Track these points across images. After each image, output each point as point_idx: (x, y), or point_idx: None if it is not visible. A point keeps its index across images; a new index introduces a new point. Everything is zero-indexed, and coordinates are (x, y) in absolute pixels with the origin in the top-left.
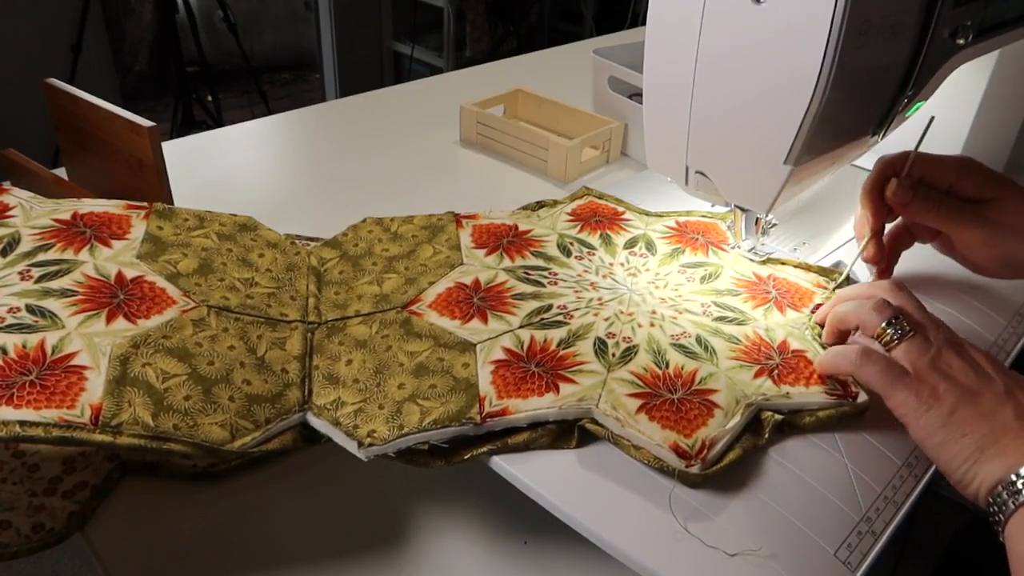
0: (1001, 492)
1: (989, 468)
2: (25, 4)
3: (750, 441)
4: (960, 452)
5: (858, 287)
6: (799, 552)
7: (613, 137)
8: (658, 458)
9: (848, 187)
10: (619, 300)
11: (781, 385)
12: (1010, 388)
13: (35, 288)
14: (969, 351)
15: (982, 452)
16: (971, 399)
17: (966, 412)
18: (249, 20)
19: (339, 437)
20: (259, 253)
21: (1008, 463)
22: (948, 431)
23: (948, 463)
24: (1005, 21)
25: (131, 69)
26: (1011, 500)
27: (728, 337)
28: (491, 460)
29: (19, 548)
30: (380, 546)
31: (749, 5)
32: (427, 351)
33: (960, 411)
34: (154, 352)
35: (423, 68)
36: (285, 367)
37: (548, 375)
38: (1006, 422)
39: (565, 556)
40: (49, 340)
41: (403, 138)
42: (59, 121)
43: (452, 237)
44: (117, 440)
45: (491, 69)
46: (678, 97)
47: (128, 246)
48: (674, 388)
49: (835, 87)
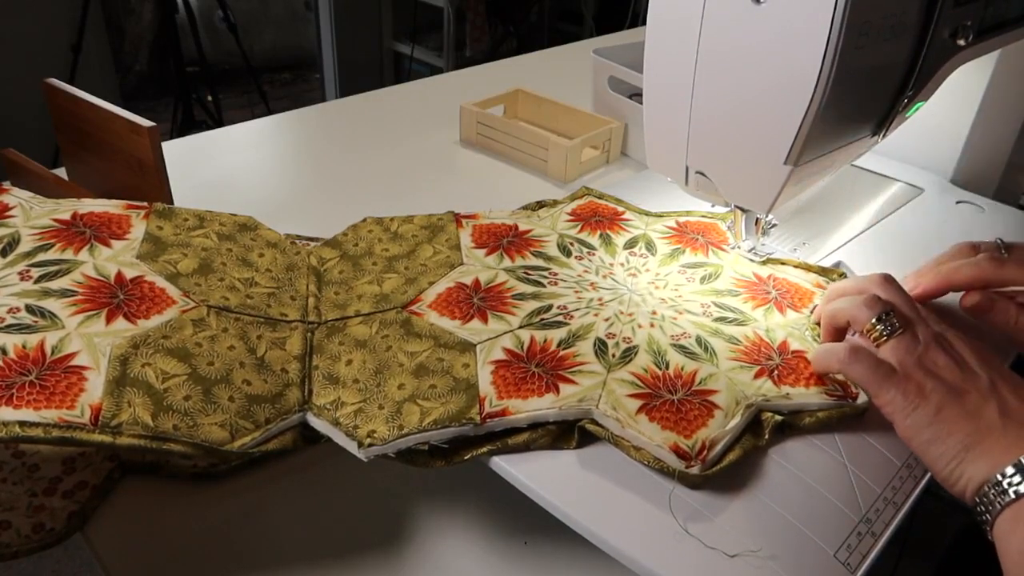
0: (988, 491)
1: (974, 468)
2: (25, 4)
3: (750, 442)
4: (946, 451)
5: (849, 281)
6: (799, 553)
7: (613, 137)
8: (658, 459)
9: (848, 187)
10: (619, 300)
11: (781, 386)
12: (994, 382)
13: (35, 288)
14: (956, 345)
15: (967, 451)
16: (956, 398)
17: (952, 411)
18: (249, 20)
19: (339, 437)
20: (259, 253)
21: (993, 463)
22: (934, 430)
23: (935, 462)
24: (1005, 21)
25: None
26: (998, 499)
27: (728, 338)
28: (491, 460)
29: (19, 548)
30: (380, 546)
31: (749, 5)
32: (427, 351)
33: (946, 410)
34: (154, 352)
35: (423, 68)
36: (285, 367)
37: (548, 375)
38: (990, 421)
39: (565, 556)
40: (49, 340)
41: (403, 138)
42: (59, 121)
43: (452, 237)
44: (117, 440)
45: (491, 69)
46: (678, 97)
47: (128, 246)
48: (674, 389)
49: (835, 87)
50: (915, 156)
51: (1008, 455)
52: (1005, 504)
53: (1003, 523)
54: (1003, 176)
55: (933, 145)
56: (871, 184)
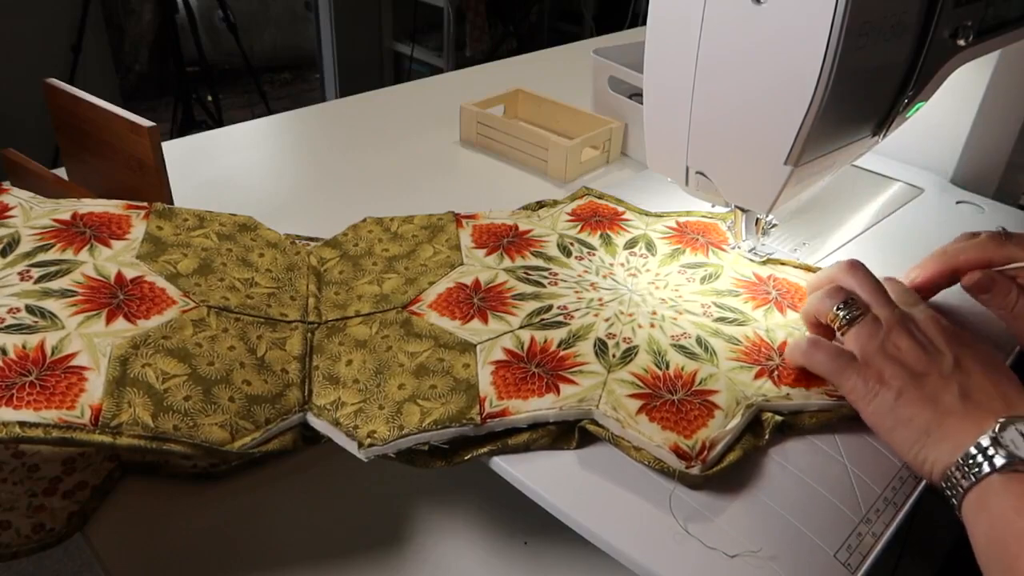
0: (952, 475)
1: (937, 451)
2: (25, 4)
3: (750, 442)
4: (909, 436)
5: (821, 273)
6: (799, 553)
7: (613, 137)
8: (658, 459)
9: (848, 187)
10: (619, 300)
11: (781, 386)
12: (959, 360)
13: (35, 288)
14: (923, 326)
15: (928, 436)
16: (916, 382)
17: (911, 395)
18: (249, 20)
19: (339, 438)
20: (259, 253)
21: (954, 445)
22: (896, 416)
23: (900, 447)
24: (1006, 21)
25: (131, 69)
26: (961, 482)
27: (728, 338)
28: (492, 461)
29: (19, 548)
30: (380, 547)
31: (749, 5)
32: (427, 351)
33: (906, 395)
34: (154, 352)
35: (423, 68)
36: (285, 367)
37: (548, 376)
38: (950, 403)
39: (565, 557)
40: (49, 341)
41: (403, 138)
42: (59, 121)
43: (452, 237)
44: (117, 441)
45: (491, 69)
46: (678, 97)
47: (128, 246)
48: (674, 389)
49: (835, 87)
50: (915, 156)
51: (968, 437)
52: (968, 487)
53: (968, 506)
54: (1003, 176)
55: (933, 145)
56: (871, 184)
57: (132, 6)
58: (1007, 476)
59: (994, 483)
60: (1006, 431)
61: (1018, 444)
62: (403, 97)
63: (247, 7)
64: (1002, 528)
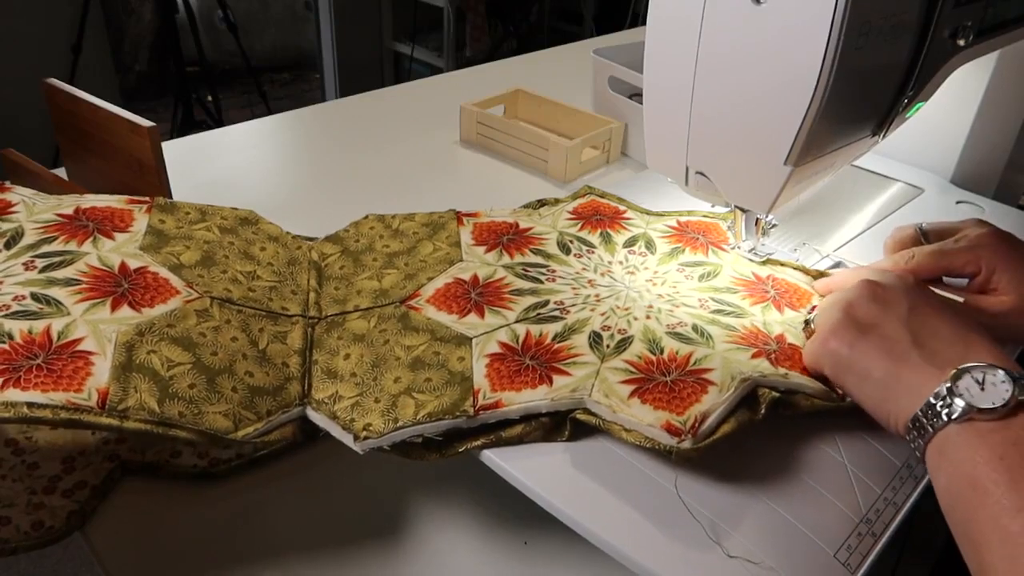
0: (912, 428)
1: (897, 405)
2: (25, 4)
3: (745, 415)
4: (872, 392)
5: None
6: (799, 553)
7: (613, 137)
8: (649, 438)
9: (848, 187)
10: (616, 297)
11: (778, 367)
12: (915, 307)
13: (39, 277)
14: (885, 282)
15: (887, 389)
16: (866, 331)
17: (863, 346)
18: (249, 20)
19: (336, 431)
20: (261, 247)
21: (914, 397)
22: (855, 372)
23: (866, 403)
24: (1005, 21)
25: (131, 69)
26: (920, 436)
27: (725, 326)
28: (488, 457)
29: (18, 544)
30: (380, 547)
31: (749, 5)
32: (424, 345)
33: (858, 345)
34: (159, 340)
35: (423, 68)
36: (286, 361)
37: (542, 368)
38: (903, 352)
39: (565, 556)
40: (55, 326)
41: (403, 138)
42: (59, 121)
43: (452, 234)
44: (124, 424)
45: (491, 69)
46: (678, 97)
47: (131, 238)
48: (668, 371)
49: (835, 87)
50: (915, 156)
51: (926, 388)
52: (928, 439)
53: (930, 457)
54: (1003, 176)
55: (933, 145)
56: (871, 184)
57: (132, 6)
58: (963, 425)
59: (951, 433)
60: (961, 379)
61: (973, 392)
62: (403, 97)
63: (247, 7)
64: (959, 478)
